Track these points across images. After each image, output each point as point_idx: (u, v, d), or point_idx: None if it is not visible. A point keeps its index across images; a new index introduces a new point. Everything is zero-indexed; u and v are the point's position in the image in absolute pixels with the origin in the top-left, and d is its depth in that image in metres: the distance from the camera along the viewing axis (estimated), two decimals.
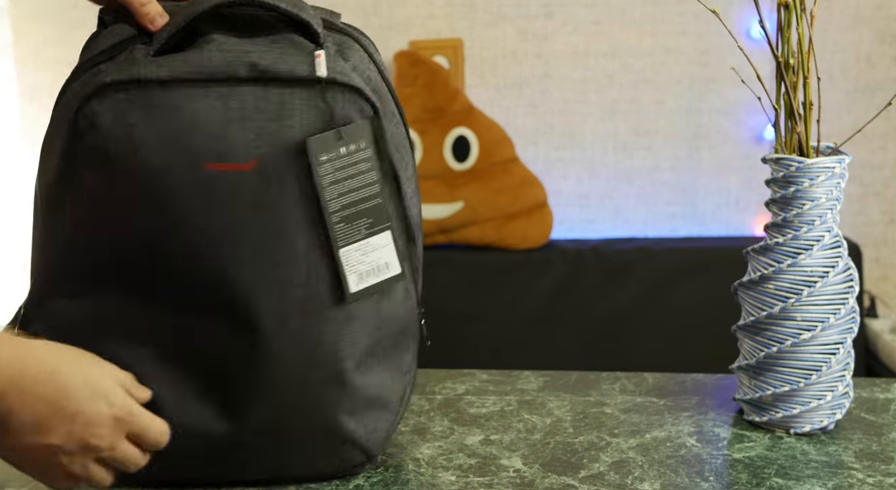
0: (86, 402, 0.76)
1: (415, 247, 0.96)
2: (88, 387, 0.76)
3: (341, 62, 0.88)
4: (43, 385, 0.74)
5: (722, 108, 2.30)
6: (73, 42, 1.00)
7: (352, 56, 0.90)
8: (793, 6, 1.02)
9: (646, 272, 2.20)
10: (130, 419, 0.79)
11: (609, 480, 0.96)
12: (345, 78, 0.87)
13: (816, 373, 1.03)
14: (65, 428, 0.75)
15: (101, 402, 0.77)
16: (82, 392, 0.76)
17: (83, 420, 0.76)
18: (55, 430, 0.75)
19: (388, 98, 0.92)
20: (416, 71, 2.20)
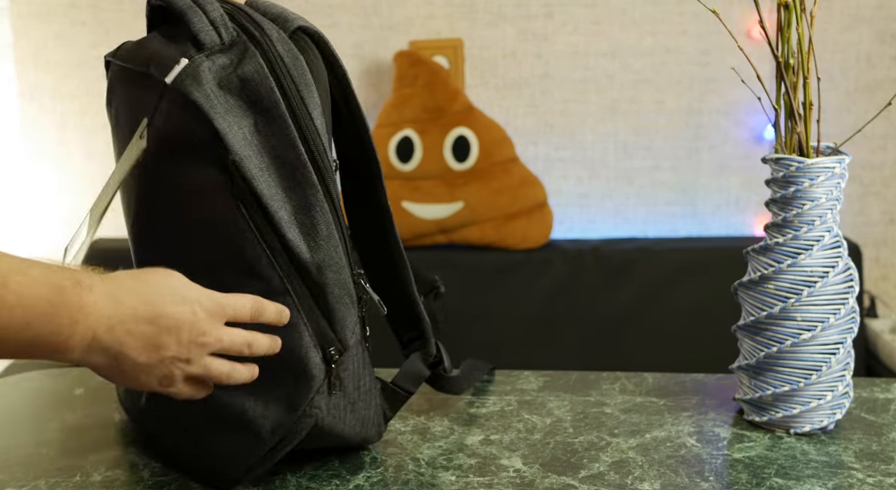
0: (180, 310, 0.80)
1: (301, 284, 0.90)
2: (176, 295, 0.80)
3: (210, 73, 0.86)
4: (141, 309, 0.78)
5: (722, 108, 2.30)
6: (74, 42, 1.01)
7: (245, 65, 0.87)
8: (793, 6, 1.02)
9: (646, 272, 2.20)
10: (223, 310, 0.82)
11: (609, 480, 0.96)
12: (185, 89, 0.84)
13: (816, 373, 1.03)
14: (172, 339, 0.79)
15: (193, 304, 0.80)
16: (174, 303, 0.80)
17: (186, 327, 0.80)
18: (165, 344, 0.79)
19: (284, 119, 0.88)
20: (416, 71, 2.20)
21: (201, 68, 0.85)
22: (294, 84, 0.88)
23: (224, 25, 0.88)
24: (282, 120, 0.87)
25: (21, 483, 0.96)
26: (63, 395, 1.17)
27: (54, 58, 2.33)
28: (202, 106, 0.84)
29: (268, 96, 0.87)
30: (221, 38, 0.87)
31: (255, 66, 0.87)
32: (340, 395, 0.93)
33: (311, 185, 0.88)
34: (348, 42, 2.30)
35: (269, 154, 0.87)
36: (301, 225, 0.88)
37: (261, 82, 0.87)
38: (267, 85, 0.87)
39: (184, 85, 0.84)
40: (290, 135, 0.87)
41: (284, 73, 0.88)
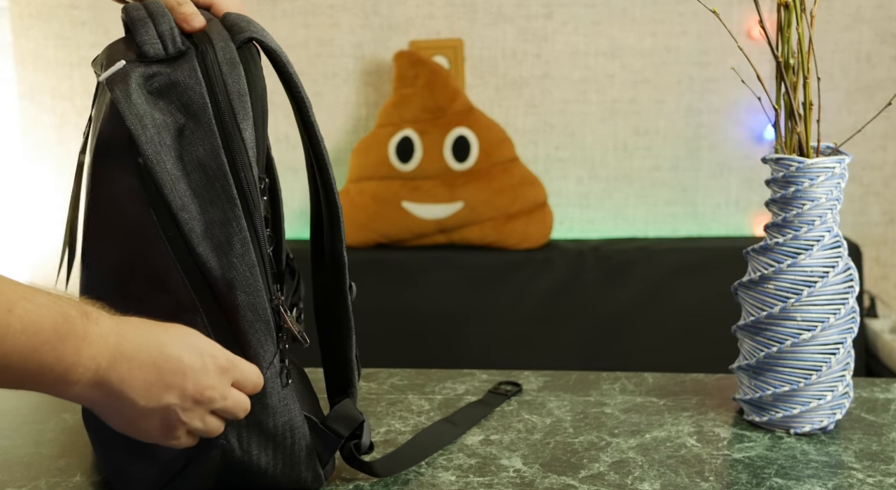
0: (189, 359, 0.78)
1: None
2: (187, 345, 0.79)
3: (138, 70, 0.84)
4: (146, 350, 0.77)
5: (722, 108, 2.30)
6: (74, 42, 1.01)
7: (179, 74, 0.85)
8: (793, 6, 1.02)
9: (646, 272, 2.20)
10: (233, 368, 0.81)
11: (609, 480, 0.96)
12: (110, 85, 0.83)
13: (816, 373, 1.03)
14: (177, 386, 0.78)
15: (203, 355, 0.79)
16: (183, 350, 0.78)
17: (193, 375, 0.78)
18: (169, 390, 0.78)
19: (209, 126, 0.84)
20: (416, 71, 2.20)
21: (133, 72, 0.84)
22: (227, 92, 0.85)
23: (172, 38, 0.86)
24: (208, 127, 0.84)
25: (21, 483, 0.96)
26: None
27: (54, 58, 2.33)
28: (119, 104, 0.82)
29: (197, 101, 0.84)
30: (167, 51, 0.85)
31: (188, 70, 0.85)
32: (256, 430, 0.88)
33: (229, 198, 0.84)
34: (348, 42, 2.31)
35: (192, 163, 0.84)
36: (213, 239, 0.84)
37: (191, 86, 0.84)
38: (197, 89, 0.84)
39: (111, 84, 0.83)
40: (215, 143, 0.84)
41: (218, 79, 0.85)
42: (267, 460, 0.89)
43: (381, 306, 2.16)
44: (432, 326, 2.19)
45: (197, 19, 0.88)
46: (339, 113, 2.33)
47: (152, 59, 0.85)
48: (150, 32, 0.86)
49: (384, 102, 2.27)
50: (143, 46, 0.85)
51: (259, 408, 0.87)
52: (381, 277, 2.18)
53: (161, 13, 0.86)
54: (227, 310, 0.85)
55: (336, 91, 2.33)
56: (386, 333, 2.14)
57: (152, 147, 0.83)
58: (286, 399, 0.88)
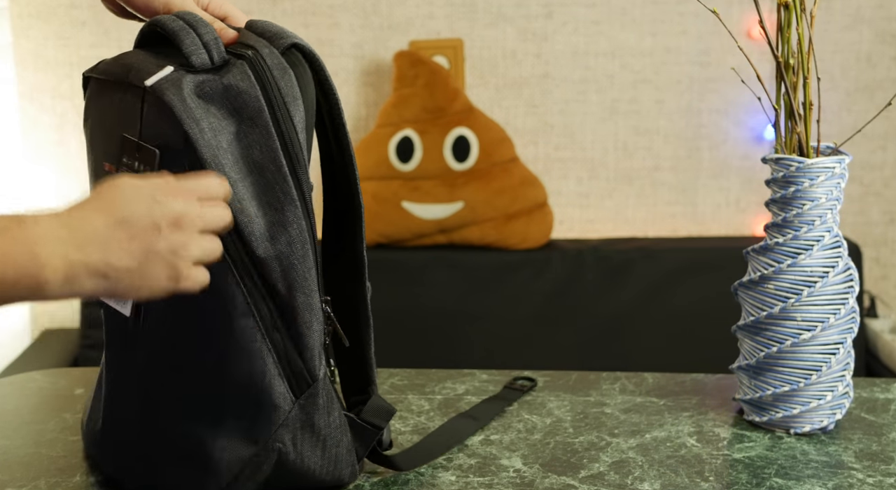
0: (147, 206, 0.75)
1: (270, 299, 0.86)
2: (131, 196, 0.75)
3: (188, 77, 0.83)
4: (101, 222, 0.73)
5: (722, 108, 2.30)
6: (74, 42, 1.01)
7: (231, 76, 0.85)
8: (793, 6, 1.02)
9: (646, 272, 2.20)
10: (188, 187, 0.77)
11: (609, 480, 0.96)
12: (161, 92, 0.82)
13: (816, 373, 1.03)
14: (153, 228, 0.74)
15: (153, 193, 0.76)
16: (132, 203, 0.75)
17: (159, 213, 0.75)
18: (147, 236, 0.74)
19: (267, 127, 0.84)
20: (416, 71, 2.20)
21: (184, 78, 0.83)
22: (280, 95, 0.85)
23: (217, 48, 0.85)
24: (265, 129, 0.84)
25: (21, 483, 0.96)
26: (63, 395, 1.16)
27: (54, 58, 2.33)
28: (175, 108, 0.82)
29: (252, 104, 0.84)
30: (213, 61, 0.85)
31: (240, 74, 0.84)
32: (309, 431, 0.88)
33: (290, 200, 0.84)
34: (348, 42, 2.31)
35: (249, 165, 0.84)
36: (274, 242, 0.84)
37: (246, 90, 0.84)
38: (252, 92, 0.84)
39: (161, 89, 0.82)
40: (273, 146, 0.84)
41: (272, 83, 0.85)
42: (316, 461, 0.89)
43: (380, 306, 2.15)
44: (432, 326, 2.19)
45: (228, 32, 0.88)
46: None
47: (199, 68, 0.84)
48: (196, 41, 0.85)
49: (384, 102, 2.27)
50: (191, 56, 0.84)
51: (311, 407, 0.87)
52: (381, 277, 2.18)
53: (202, 23, 0.86)
54: (284, 311, 0.85)
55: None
56: (386, 333, 2.14)
57: (210, 150, 0.82)
58: (332, 397, 0.89)
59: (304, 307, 0.86)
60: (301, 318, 0.86)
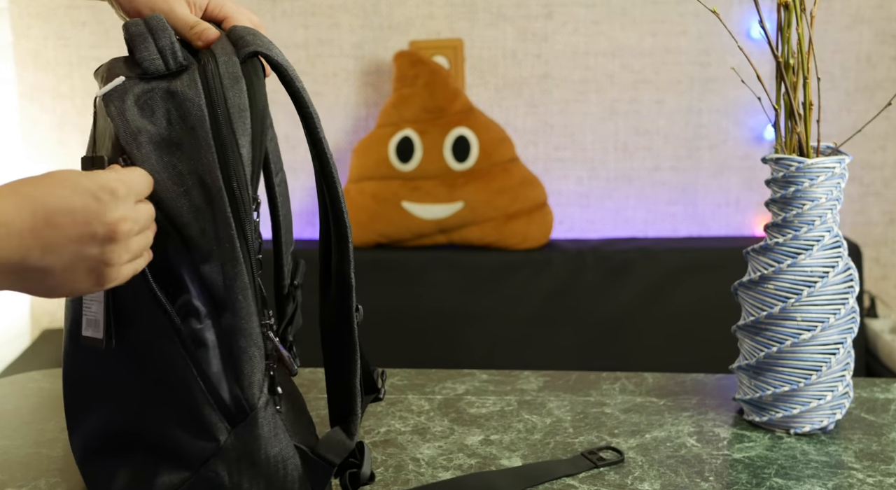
0: (82, 202, 0.71)
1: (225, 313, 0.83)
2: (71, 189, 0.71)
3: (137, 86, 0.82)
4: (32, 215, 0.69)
5: (722, 108, 2.30)
6: (74, 42, 1.00)
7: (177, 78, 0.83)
8: (793, 6, 1.02)
9: (646, 272, 2.20)
10: (127, 186, 0.74)
11: (609, 480, 0.96)
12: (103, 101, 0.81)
13: (816, 373, 1.03)
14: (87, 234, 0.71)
15: (95, 191, 0.72)
16: (71, 197, 0.71)
17: (96, 216, 0.71)
18: (81, 242, 0.71)
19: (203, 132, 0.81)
20: (416, 71, 2.20)
21: (132, 89, 0.81)
22: (226, 106, 0.81)
23: (172, 53, 0.83)
24: (204, 141, 0.80)
25: (21, 483, 0.96)
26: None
27: (54, 58, 2.33)
28: (114, 120, 0.80)
29: (195, 113, 0.80)
30: (167, 66, 0.83)
31: (188, 81, 0.82)
32: (247, 462, 0.83)
33: (223, 218, 0.80)
34: (348, 42, 2.31)
35: (191, 178, 0.81)
36: (216, 258, 0.81)
37: (190, 98, 0.81)
38: (196, 101, 0.81)
39: (107, 100, 0.81)
40: (210, 159, 0.80)
41: (218, 92, 0.81)
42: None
43: (380, 306, 2.16)
44: (432, 326, 2.19)
45: (210, 32, 0.86)
46: (339, 113, 2.33)
47: (153, 75, 0.82)
48: (150, 48, 0.83)
49: (384, 102, 2.27)
50: (143, 63, 0.82)
51: (250, 439, 0.83)
52: (381, 277, 2.18)
53: (161, 28, 0.84)
54: (216, 336, 0.82)
55: (336, 91, 2.33)
56: (386, 333, 2.14)
57: (148, 164, 0.80)
58: (276, 429, 0.84)
59: (236, 332, 0.81)
60: (235, 344, 0.81)
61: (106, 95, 0.82)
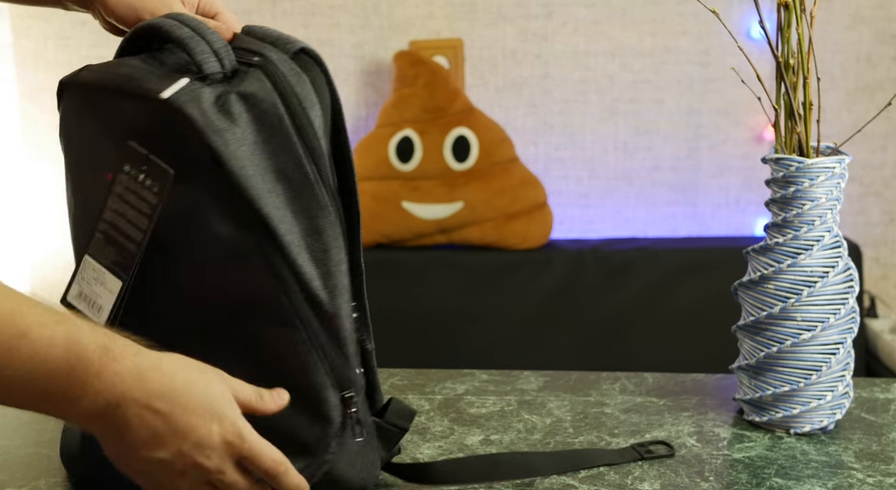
0: (199, 421, 0.74)
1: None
2: (204, 406, 0.74)
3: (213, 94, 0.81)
4: (161, 401, 0.73)
5: (722, 108, 2.30)
6: (74, 42, 1.00)
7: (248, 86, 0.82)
8: (793, 6, 1.02)
9: (646, 272, 2.20)
10: (240, 443, 0.76)
11: (609, 480, 0.96)
12: (179, 104, 0.79)
13: (816, 373, 1.03)
14: (175, 445, 0.74)
15: (214, 422, 0.75)
16: (197, 411, 0.74)
17: (194, 439, 0.74)
18: (166, 446, 0.74)
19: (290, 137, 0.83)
20: (416, 71, 2.20)
21: (203, 90, 0.81)
22: (299, 101, 0.83)
23: (227, 55, 0.83)
24: (287, 137, 0.82)
25: (21, 483, 0.96)
26: None
27: (54, 58, 2.33)
28: (197, 122, 0.79)
29: (272, 112, 0.81)
30: (223, 68, 0.83)
31: (257, 83, 0.82)
32: (350, 437, 0.86)
33: (321, 207, 0.83)
34: (348, 42, 2.30)
35: (275, 174, 0.82)
36: (311, 250, 0.82)
37: (264, 98, 0.82)
38: (270, 100, 0.81)
39: (180, 102, 0.79)
40: (297, 153, 0.82)
41: (289, 90, 0.82)
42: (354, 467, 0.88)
43: (380, 306, 2.15)
44: (432, 326, 2.19)
45: (226, 30, 0.87)
46: None
47: (212, 77, 0.82)
48: (207, 49, 0.83)
49: (384, 102, 2.27)
50: (203, 64, 0.82)
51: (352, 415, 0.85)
52: (381, 277, 2.18)
53: (209, 30, 0.84)
54: (329, 322, 0.83)
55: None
56: (386, 333, 2.14)
57: (237, 162, 0.79)
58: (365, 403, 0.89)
59: (343, 314, 0.84)
60: (344, 327, 0.84)
61: (178, 96, 0.80)
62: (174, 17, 0.85)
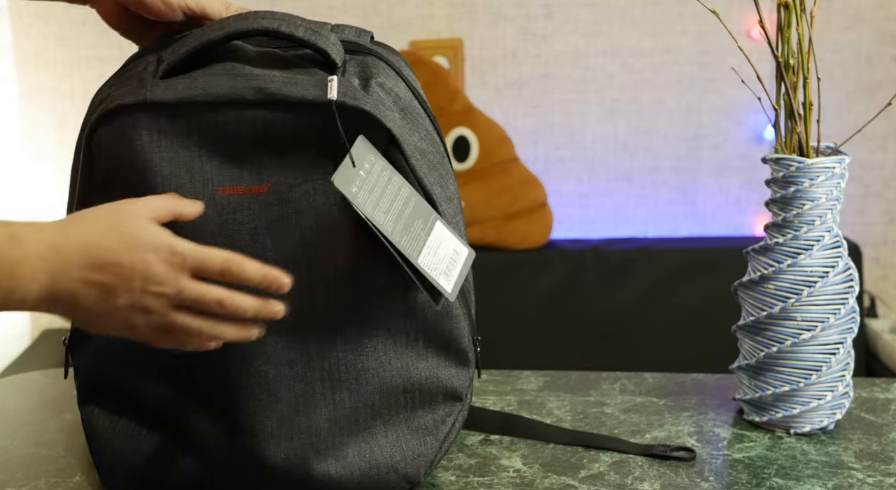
0: (132, 259, 0.74)
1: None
2: (129, 243, 0.75)
3: (358, 86, 0.84)
4: (88, 261, 0.74)
5: (722, 108, 2.30)
6: (74, 42, 1.00)
7: (377, 75, 0.86)
8: (793, 6, 1.02)
9: (646, 272, 2.20)
10: (182, 260, 0.76)
11: (609, 480, 0.96)
12: (354, 102, 0.82)
13: (816, 373, 1.03)
14: (126, 289, 0.74)
15: (148, 252, 0.75)
16: (125, 252, 0.74)
17: (139, 276, 0.74)
18: (118, 294, 0.74)
19: (421, 114, 0.89)
20: (416, 71, 2.20)
21: (350, 82, 0.83)
22: (412, 82, 0.89)
23: (338, 47, 0.86)
24: (420, 116, 0.88)
25: (21, 483, 0.96)
26: (63, 395, 1.16)
27: (54, 58, 2.33)
28: (377, 112, 0.82)
29: (404, 96, 0.87)
30: (344, 57, 0.86)
31: (383, 70, 0.87)
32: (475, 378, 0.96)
33: (451, 177, 0.90)
34: None
35: (417, 149, 0.87)
36: (450, 215, 0.89)
37: (394, 85, 0.86)
38: (399, 85, 0.87)
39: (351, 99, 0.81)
40: (429, 128, 0.88)
41: (405, 73, 0.89)
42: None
43: None
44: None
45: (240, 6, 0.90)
46: None
47: (339, 69, 0.84)
48: (334, 42, 0.86)
49: None
50: (333, 57, 0.84)
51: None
52: None
53: (320, 24, 0.87)
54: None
55: None
56: None
57: (408, 146, 0.85)
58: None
59: (469, 279, 0.93)
60: (468, 281, 0.93)
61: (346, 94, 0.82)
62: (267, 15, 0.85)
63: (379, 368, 0.88)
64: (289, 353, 0.86)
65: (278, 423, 0.87)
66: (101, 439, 0.90)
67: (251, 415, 0.86)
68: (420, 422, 0.91)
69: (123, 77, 0.85)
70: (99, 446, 0.91)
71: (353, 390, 0.88)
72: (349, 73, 0.85)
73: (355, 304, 0.86)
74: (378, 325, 0.87)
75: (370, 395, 0.88)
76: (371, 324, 0.87)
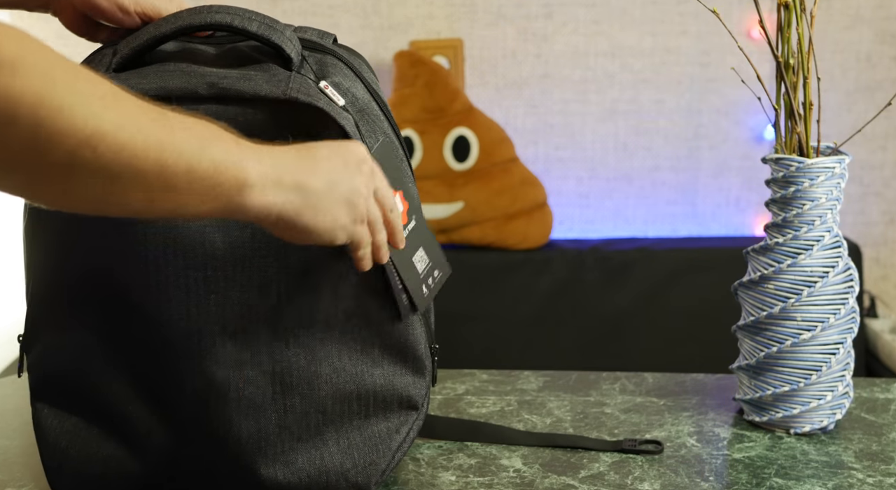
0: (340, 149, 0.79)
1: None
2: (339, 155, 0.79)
3: (311, 83, 0.84)
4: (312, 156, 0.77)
5: (722, 108, 2.30)
6: (74, 42, 0.99)
7: (334, 74, 0.86)
8: (793, 6, 1.02)
9: (646, 272, 2.20)
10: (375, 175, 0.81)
11: (609, 480, 0.96)
12: (307, 98, 0.82)
13: (816, 373, 1.03)
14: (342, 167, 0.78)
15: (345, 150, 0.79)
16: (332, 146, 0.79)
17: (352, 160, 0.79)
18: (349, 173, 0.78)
19: (379, 116, 0.88)
20: (416, 71, 2.20)
21: (307, 80, 0.83)
22: (371, 82, 0.89)
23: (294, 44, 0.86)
24: (378, 119, 0.87)
25: (21, 483, 0.96)
26: None
27: None
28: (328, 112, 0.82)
29: (361, 96, 0.87)
30: (300, 54, 0.86)
31: (341, 70, 0.86)
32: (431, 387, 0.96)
33: (411, 181, 0.89)
34: (348, 42, 2.30)
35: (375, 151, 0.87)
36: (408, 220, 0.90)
37: (352, 84, 0.86)
38: (359, 85, 0.87)
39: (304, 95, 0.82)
40: (388, 132, 0.88)
41: (365, 76, 0.88)
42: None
43: None
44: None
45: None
46: None
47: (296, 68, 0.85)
48: (288, 34, 0.86)
49: None
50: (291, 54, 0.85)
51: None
52: None
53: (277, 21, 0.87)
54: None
55: None
56: None
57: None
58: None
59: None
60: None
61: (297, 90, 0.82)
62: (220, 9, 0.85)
63: (332, 374, 0.87)
64: (238, 354, 0.84)
65: (226, 426, 0.85)
66: (49, 439, 0.89)
67: (198, 416, 0.85)
68: (374, 430, 0.90)
69: None
70: (47, 446, 0.89)
71: (305, 395, 0.86)
72: (305, 71, 0.85)
73: (309, 307, 0.85)
74: (332, 330, 0.86)
75: (322, 400, 0.87)
76: (325, 328, 0.86)
